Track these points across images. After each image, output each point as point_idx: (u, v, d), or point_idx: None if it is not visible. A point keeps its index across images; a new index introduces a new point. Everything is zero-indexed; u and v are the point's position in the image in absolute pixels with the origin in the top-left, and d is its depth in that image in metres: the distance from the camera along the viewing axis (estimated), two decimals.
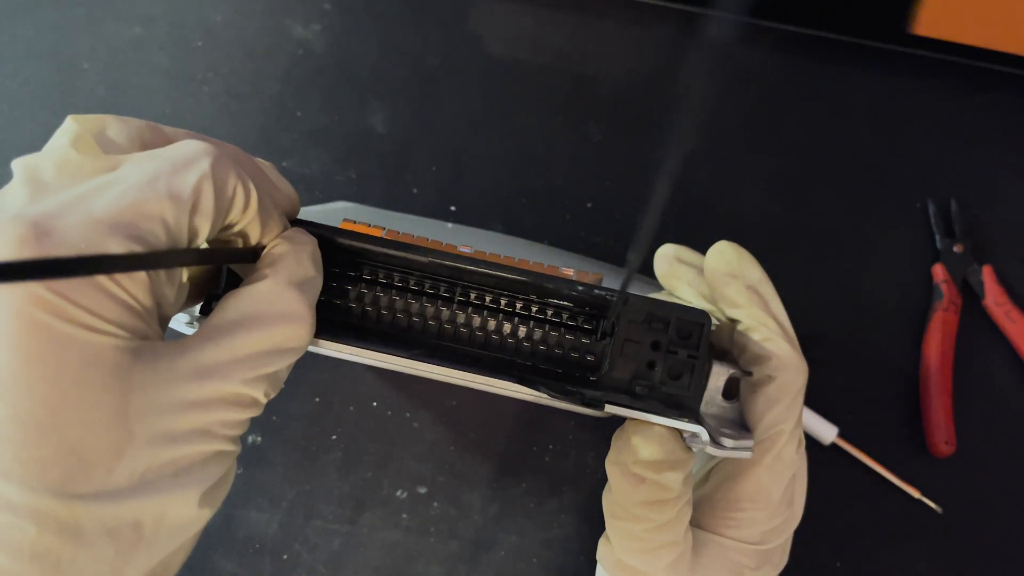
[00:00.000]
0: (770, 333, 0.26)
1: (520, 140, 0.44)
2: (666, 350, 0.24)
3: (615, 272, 0.32)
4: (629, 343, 0.24)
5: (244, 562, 0.37)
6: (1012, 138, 0.45)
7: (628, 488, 0.24)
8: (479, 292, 0.25)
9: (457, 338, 0.25)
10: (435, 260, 0.24)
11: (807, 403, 0.39)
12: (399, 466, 0.39)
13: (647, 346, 0.24)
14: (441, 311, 0.25)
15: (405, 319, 0.25)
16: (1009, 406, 0.41)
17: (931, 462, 0.40)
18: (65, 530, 0.17)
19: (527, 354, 0.25)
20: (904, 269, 0.43)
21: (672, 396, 0.24)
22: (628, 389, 0.24)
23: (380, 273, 0.25)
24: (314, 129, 0.43)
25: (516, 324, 0.25)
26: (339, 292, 0.25)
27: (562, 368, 0.25)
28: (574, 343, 0.25)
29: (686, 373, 0.24)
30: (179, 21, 0.44)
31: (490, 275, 0.24)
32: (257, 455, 0.38)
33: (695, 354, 0.24)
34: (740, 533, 0.27)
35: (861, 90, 0.46)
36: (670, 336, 0.24)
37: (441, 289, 0.25)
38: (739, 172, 0.44)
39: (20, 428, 0.17)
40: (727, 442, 0.24)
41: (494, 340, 0.25)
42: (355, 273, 0.25)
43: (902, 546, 0.39)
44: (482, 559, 0.37)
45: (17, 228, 0.17)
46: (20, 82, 0.43)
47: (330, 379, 0.39)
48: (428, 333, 0.25)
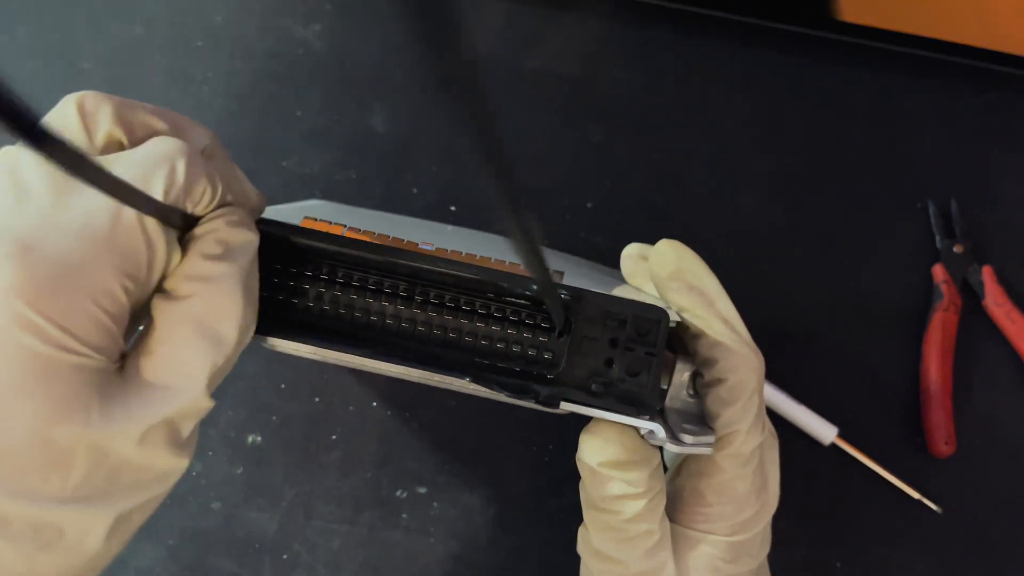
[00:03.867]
0: (716, 335, 0.26)
1: (520, 140, 0.44)
2: (624, 347, 0.24)
3: (615, 275, 0.32)
4: (587, 340, 0.24)
5: (244, 562, 0.37)
6: (1012, 138, 0.45)
7: (596, 485, 0.25)
8: (437, 291, 0.25)
9: (415, 336, 0.25)
10: (390, 259, 0.24)
11: (807, 403, 0.39)
12: (399, 466, 0.39)
13: (605, 343, 0.24)
14: (400, 309, 0.25)
15: (364, 317, 0.25)
16: (1009, 406, 0.41)
17: (931, 462, 0.40)
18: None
19: (485, 352, 0.25)
20: (904, 269, 0.43)
21: (630, 393, 0.24)
22: (585, 386, 0.24)
23: (339, 272, 0.25)
24: (314, 129, 0.43)
25: (474, 322, 0.25)
26: (297, 291, 0.25)
27: (520, 366, 0.25)
28: (532, 341, 0.25)
29: (643, 370, 0.24)
30: (179, 21, 0.44)
31: (447, 273, 0.24)
32: (257, 455, 0.38)
33: (652, 351, 0.24)
34: (711, 527, 0.27)
35: (862, 90, 0.46)
36: (628, 333, 0.24)
37: (400, 288, 0.25)
38: (739, 172, 0.44)
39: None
40: (687, 439, 0.24)
41: (452, 338, 0.25)
42: (313, 272, 0.25)
43: (902, 546, 0.39)
44: (482, 559, 0.37)
45: (3, 246, 0.18)
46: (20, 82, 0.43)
47: (330, 379, 0.39)
48: (387, 331, 0.25)
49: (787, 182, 0.44)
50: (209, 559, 0.37)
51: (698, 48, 0.46)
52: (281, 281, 0.25)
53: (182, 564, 0.37)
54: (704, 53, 0.46)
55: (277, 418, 0.39)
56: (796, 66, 0.46)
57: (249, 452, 0.38)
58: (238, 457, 0.36)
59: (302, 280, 0.25)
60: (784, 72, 0.46)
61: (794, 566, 0.39)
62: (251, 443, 0.38)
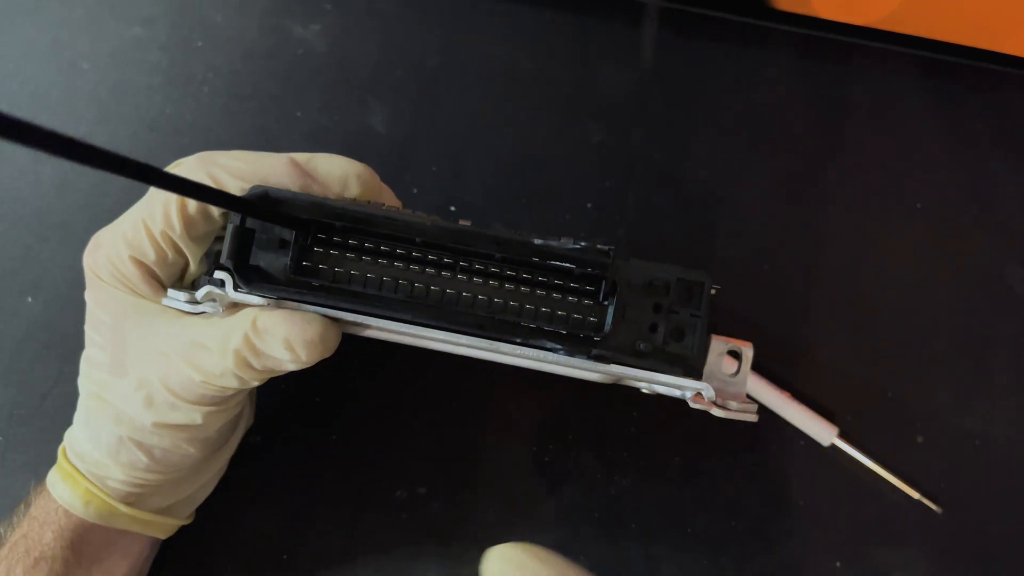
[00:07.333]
0: None
1: (520, 140, 0.44)
2: (668, 311, 0.25)
3: None
4: (631, 305, 0.25)
5: (244, 562, 0.37)
6: (1012, 138, 0.45)
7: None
8: (483, 261, 0.26)
9: (461, 304, 0.25)
10: (439, 225, 0.25)
11: (807, 403, 0.39)
12: (399, 466, 0.39)
13: (649, 308, 0.25)
14: (444, 277, 0.26)
15: (408, 287, 0.25)
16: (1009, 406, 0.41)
17: (931, 463, 0.40)
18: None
19: (531, 316, 0.25)
20: (905, 269, 0.43)
21: (676, 356, 0.25)
22: (632, 348, 0.25)
23: (382, 244, 0.26)
24: (314, 129, 0.43)
25: (519, 288, 0.26)
26: (340, 259, 0.26)
27: (566, 329, 0.25)
28: (577, 306, 0.26)
29: (689, 333, 0.25)
30: (179, 21, 0.44)
31: (494, 239, 0.25)
32: (257, 455, 0.38)
33: (697, 313, 0.25)
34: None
35: (862, 90, 0.46)
36: (671, 298, 0.25)
37: (444, 258, 0.26)
38: (739, 172, 0.44)
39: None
40: (732, 404, 0.25)
41: (497, 305, 0.25)
42: (357, 241, 0.26)
43: (902, 546, 0.39)
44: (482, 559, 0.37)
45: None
46: (20, 82, 0.43)
47: (330, 379, 0.39)
48: (431, 300, 0.25)
49: (787, 182, 0.44)
50: (209, 559, 0.37)
51: (698, 48, 0.46)
52: (326, 250, 0.26)
53: (183, 565, 0.37)
54: (704, 53, 0.46)
55: (277, 418, 0.39)
56: (796, 66, 0.46)
57: (249, 452, 0.38)
58: (238, 457, 0.36)
59: (346, 250, 0.26)
60: (784, 72, 0.46)
61: (794, 566, 0.39)
62: (251, 443, 0.38)
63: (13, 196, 0.41)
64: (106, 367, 0.29)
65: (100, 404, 0.29)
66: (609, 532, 0.38)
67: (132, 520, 0.30)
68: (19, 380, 0.39)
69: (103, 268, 0.28)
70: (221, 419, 0.29)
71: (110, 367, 0.29)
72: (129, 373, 0.28)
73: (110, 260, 0.28)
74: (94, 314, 0.29)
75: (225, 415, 0.29)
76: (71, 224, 0.41)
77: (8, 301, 0.40)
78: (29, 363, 0.39)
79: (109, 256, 0.28)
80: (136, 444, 0.28)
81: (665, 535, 0.38)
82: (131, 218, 0.28)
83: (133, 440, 0.28)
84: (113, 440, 0.28)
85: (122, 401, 0.28)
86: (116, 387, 0.28)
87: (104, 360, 0.29)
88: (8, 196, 0.41)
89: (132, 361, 0.28)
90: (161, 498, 0.31)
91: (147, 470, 0.29)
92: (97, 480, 0.29)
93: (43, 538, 0.29)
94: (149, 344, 0.28)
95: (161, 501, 0.31)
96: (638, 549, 0.38)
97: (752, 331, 0.41)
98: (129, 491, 0.29)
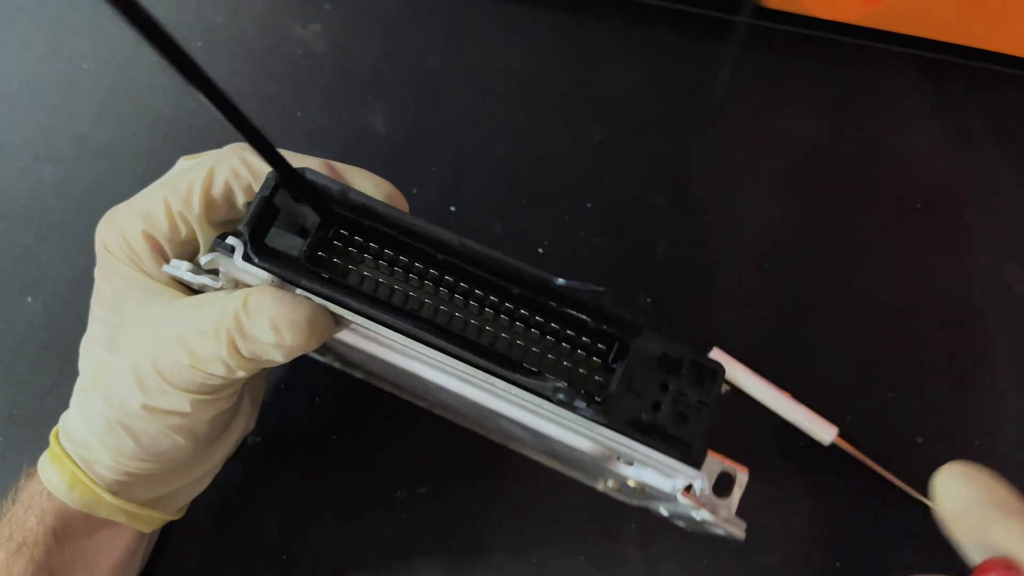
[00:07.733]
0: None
1: (520, 140, 0.44)
2: (676, 392, 0.24)
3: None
4: (639, 376, 0.24)
5: (244, 562, 0.37)
6: (1012, 138, 0.45)
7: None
8: (498, 294, 0.24)
9: (467, 332, 0.24)
10: (466, 243, 0.23)
11: (807, 403, 0.39)
12: (399, 466, 0.39)
13: (657, 384, 0.24)
14: (456, 302, 0.24)
15: (417, 302, 0.24)
16: (1009, 406, 0.41)
17: (931, 462, 0.40)
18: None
19: (535, 360, 0.24)
20: (904, 269, 0.43)
21: (676, 439, 0.23)
22: (632, 419, 0.24)
23: (402, 255, 0.25)
24: (314, 129, 0.43)
25: (528, 330, 0.24)
26: (356, 260, 0.25)
27: (567, 382, 0.24)
28: (584, 362, 0.24)
29: (694, 419, 0.24)
30: (179, 21, 0.44)
31: (514, 274, 0.24)
32: (257, 455, 0.38)
33: (706, 400, 0.23)
34: None
35: (862, 90, 0.46)
36: (683, 379, 0.24)
37: (460, 282, 0.24)
38: (739, 172, 0.44)
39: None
40: (723, 511, 0.24)
41: (503, 341, 0.24)
42: (377, 246, 0.25)
43: (902, 546, 0.39)
44: (482, 559, 0.37)
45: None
46: (20, 82, 0.43)
47: (330, 379, 0.39)
48: (438, 320, 0.24)
49: (787, 182, 0.44)
50: (209, 559, 0.37)
51: (697, 48, 0.46)
52: (354, 255, 0.25)
53: (183, 565, 0.37)
54: (703, 53, 0.46)
55: (277, 418, 0.39)
56: (795, 67, 0.46)
57: (249, 452, 0.38)
58: (238, 457, 0.36)
59: (364, 251, 0.25)
60: (784, 72, 0.46)
61: (794, 566, 0.39)
62: (251, 443, 0.38)
63: (13, 196, 0.41)
64: (103, 343, 0.29)
65: (95, 382, 0.29)
66: (609, 532, 0.38)
67: (115, 510, 0.30)
68: (19, 380, 0.39)
69: (113, 240, 0.28)
70: (210, 410, 0.29)
71: (106, 343, 0.29)
72: (122, 350, 0.28)
73: (121, 231, 0.28)
74: (99, 288, 0.29)
75: (215, 407, 0.29)
76: (71, 224, 0.41)
77: (8, 301, 0.40)
78: (29, 363, 0.39)
79: (121, 227, 0.28)
80: (124, 428, 0.28)
81: (665, 535, 0.38)
82: (151, 194, 0.28)
83: (122, 424, 0.28)
84: (102, 422, 0.28)
85: (115, 379, 0.28)
86: (110, 364, 0.28)
87: (102, 336, 0.29)
88: (8, 196, 0.41)
89: (127, 339, 0.28)
90: (147, 489, 0.31)
91: (134, 457, 0.29)
92: (84, 464, 0.29)
93: (27, 522, 0.29)
94: (146, 323, 0.27)
95: (147, 493, 0.31)
96: (638, 549, 0.38)
97: (752, 331, 0.41)
98: (116, 479, 0.29)
